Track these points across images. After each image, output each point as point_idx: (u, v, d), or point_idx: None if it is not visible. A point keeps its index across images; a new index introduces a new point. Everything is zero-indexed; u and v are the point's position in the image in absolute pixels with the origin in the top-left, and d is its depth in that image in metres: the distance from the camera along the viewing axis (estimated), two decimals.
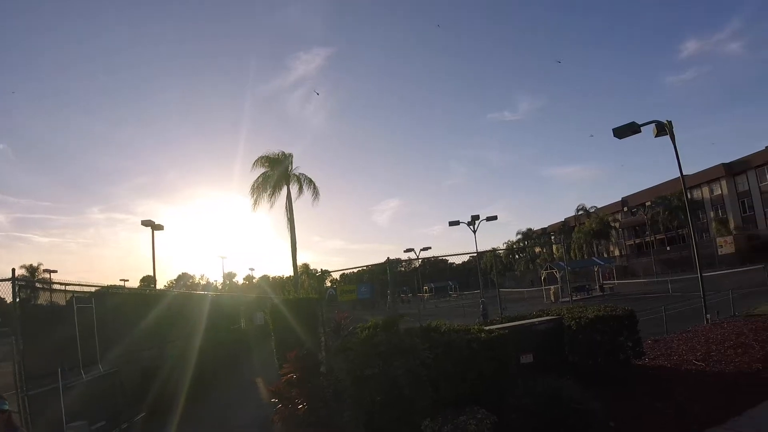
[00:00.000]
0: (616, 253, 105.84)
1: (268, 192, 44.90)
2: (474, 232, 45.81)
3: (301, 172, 46.81)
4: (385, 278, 68.35)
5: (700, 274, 21.35)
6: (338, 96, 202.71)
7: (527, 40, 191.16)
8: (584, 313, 11.39)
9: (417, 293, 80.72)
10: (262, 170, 45.49)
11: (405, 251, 64.40)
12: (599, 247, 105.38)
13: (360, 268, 77.14)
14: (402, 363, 7.75)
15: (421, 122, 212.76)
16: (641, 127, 20.35)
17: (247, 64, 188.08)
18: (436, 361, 7.90)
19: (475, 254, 54.24)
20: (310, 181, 46.76)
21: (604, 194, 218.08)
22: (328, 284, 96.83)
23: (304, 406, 8.60)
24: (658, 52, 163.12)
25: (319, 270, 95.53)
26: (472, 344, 8.27)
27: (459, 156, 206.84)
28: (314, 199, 47.02)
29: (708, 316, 18.74)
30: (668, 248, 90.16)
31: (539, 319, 11.07)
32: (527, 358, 9.58)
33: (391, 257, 66.51)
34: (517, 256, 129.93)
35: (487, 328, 9.36)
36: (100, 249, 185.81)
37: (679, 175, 21.68)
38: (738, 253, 70.98)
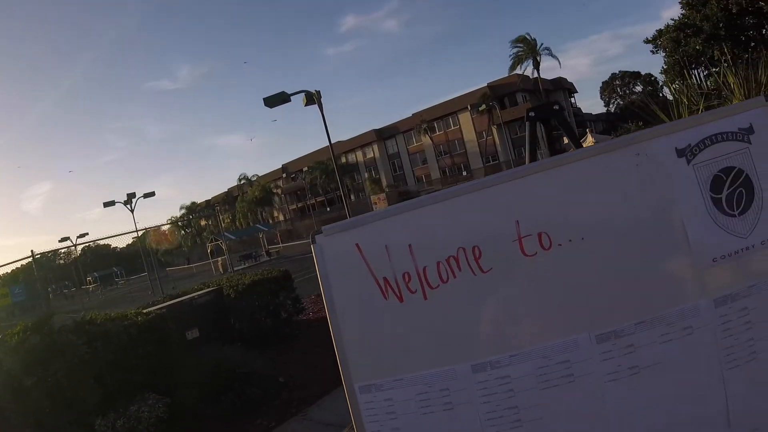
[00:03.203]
0: (281, 218, 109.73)
1: None
2: (132, 211, 43.90)
3: None
4: (44, 275, 62.38)
5: None
6: None
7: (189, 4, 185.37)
8: (242, 280, 11.76)
9: (81, 286, 75.56)
10: None
11: (60, 240, 59.41)
12: (264, 213, 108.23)
13: (7, 266, 69.64)
14: (62, 364, 7.25)
15: (71, 92, 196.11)
16: (291, 97, 21.30)
17: None
18: (97, 356, 7.53)
19: (136, 235, 52.35)
20: None
21: (265, 162, 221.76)
22: None
23: None
24: (321, 24, 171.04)
25: None
26: (129, 330, 8.02)
27: (117, 129, 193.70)
28: None
29: None
30: (328, 209, 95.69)
31: (199, 292, 11.13)
32: (193, 334, 9.62)
33: (47, 249, 60.94)
34: (183, 232, 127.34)
35: (146, 310, 9.29)
36: None
37: (334, 140, 23.30)
38: None
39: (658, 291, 2.34)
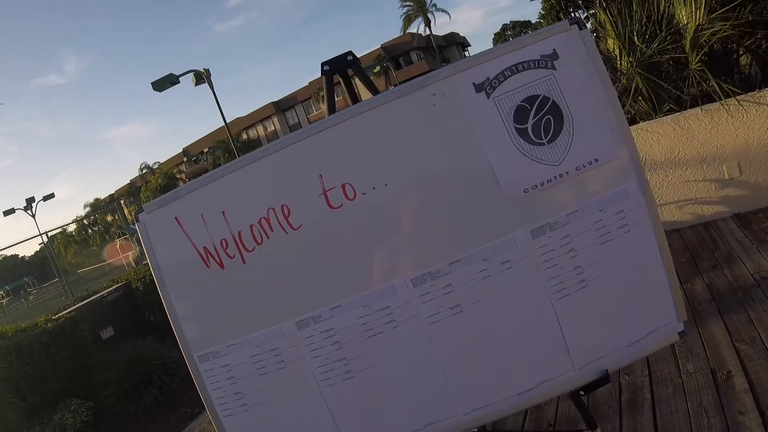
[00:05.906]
0: None
1: None
2: (33, 216, 42.57)
3: None
4: None
5: None
6: None
7: None
8: (149, 271, 11.31)
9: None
10: None
11: None
12: None
13: None
14: None
15: None
16: (179, 78, 20.71)
17: None
18: (12, 369, 7.43)
19: (41, 241, 50.41)
20: None
21: (166, 148, 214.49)
22: None
23: None
24: (207, 1, 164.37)
25: None
26: (41, 338, 7.91)
27: (6, 133, 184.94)
28: None
29: None
30: None
31: (108, 290, 10.93)
32: (108, 332, 9.46)
33: None
34: (90, 231, 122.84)
35: (55, 316, 9.05)
36: None
37: (233, 117, 22.75)
38: None
39: (469, 228, 2.39)
